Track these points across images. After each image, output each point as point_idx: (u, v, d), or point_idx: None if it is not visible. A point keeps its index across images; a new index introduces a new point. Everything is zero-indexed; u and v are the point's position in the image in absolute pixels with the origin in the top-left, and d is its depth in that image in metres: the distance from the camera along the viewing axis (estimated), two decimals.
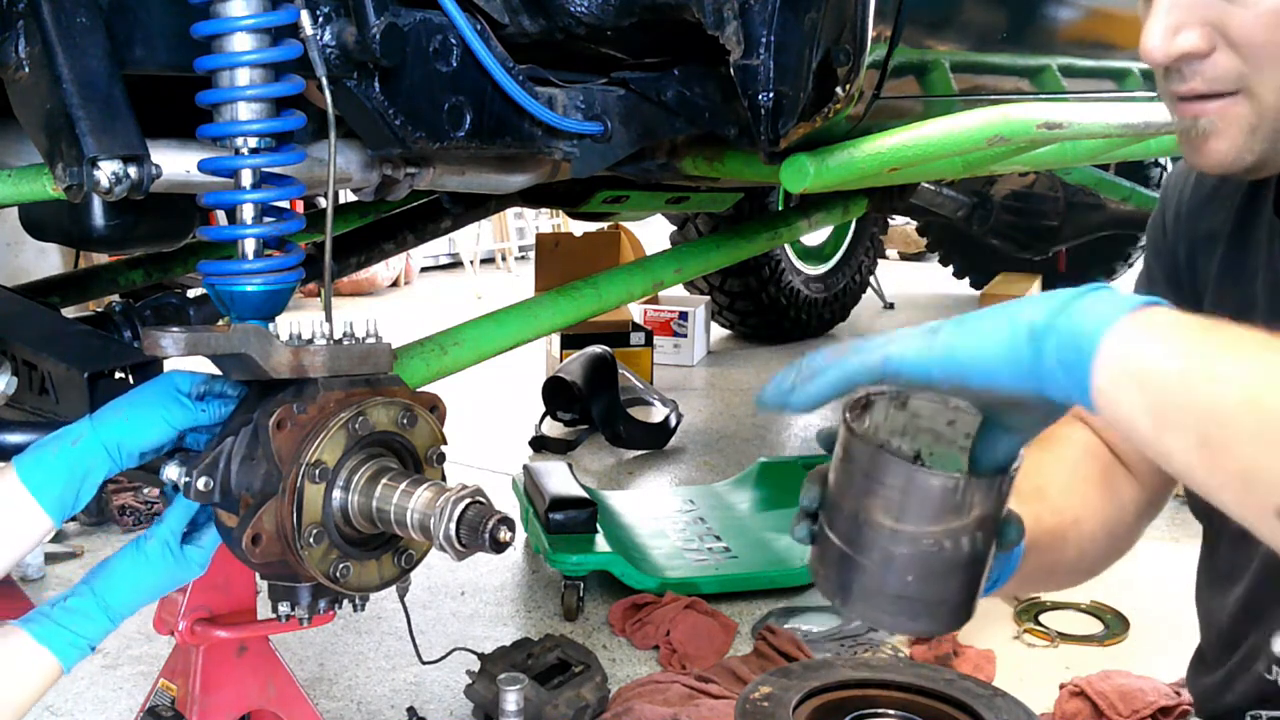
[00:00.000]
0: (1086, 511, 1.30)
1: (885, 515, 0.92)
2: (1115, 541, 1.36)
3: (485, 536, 1.25)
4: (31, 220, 2.18)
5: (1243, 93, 1.01)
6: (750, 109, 1.90)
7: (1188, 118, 1.05)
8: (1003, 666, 2.69)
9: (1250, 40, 0.98)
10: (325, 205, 1.43)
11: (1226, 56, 1.00)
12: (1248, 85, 1.00)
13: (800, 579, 3.20)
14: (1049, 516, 1.23)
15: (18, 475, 1.24)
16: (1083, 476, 1.34)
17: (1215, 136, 1.04)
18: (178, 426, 1.30)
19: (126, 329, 2.15)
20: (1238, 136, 1.03)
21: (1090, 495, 1.32)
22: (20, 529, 1.24)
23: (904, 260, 9.84)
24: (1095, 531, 1.31)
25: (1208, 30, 1.00)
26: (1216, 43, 1.00)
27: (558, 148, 1.83)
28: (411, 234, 3.04)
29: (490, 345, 2.20)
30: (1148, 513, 1.40)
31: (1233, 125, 1.03)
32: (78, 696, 2.66)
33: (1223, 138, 1.04)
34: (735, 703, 2.25)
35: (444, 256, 10.08)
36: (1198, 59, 1.01)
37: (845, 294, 6.55)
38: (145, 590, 1.27)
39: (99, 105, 1.29)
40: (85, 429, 1.26)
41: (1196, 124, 1.05)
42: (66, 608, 1.24)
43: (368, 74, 1.52)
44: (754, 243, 3.04)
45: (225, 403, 1.34)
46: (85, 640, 1.23)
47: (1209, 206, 1.30)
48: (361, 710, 2.62)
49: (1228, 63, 1.00)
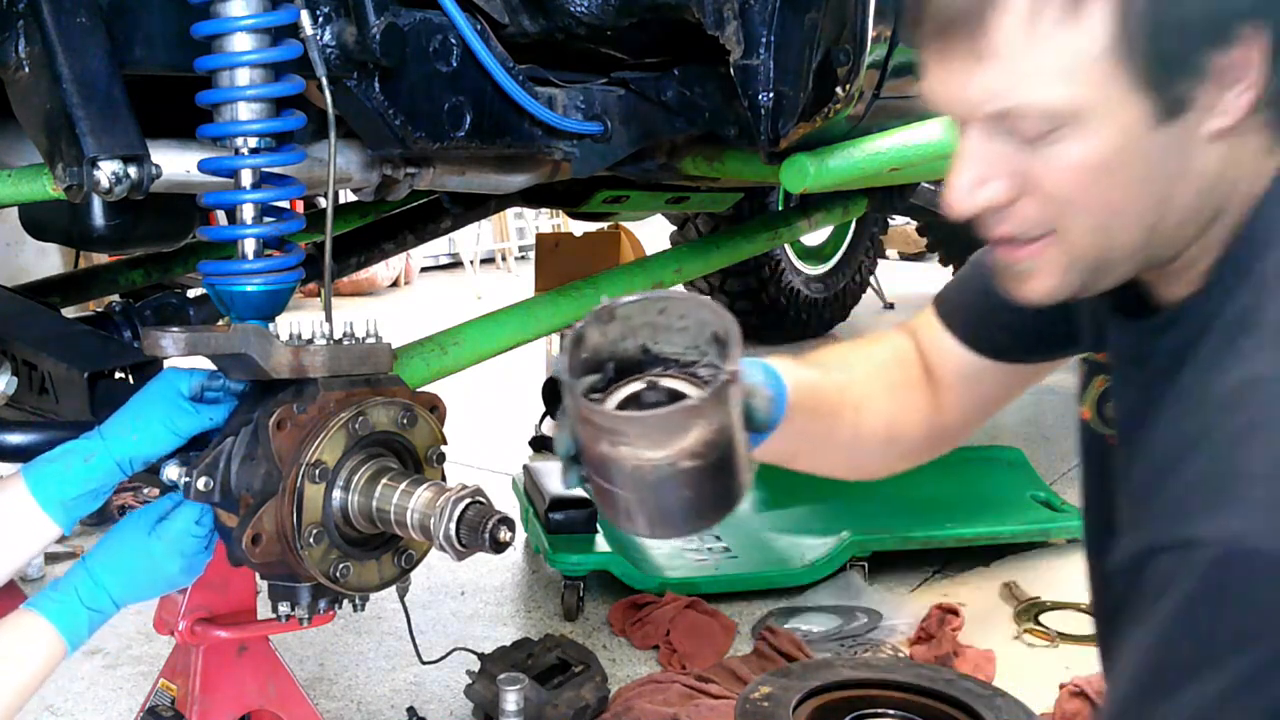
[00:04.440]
0: (872, 403, 1.34)
1: (634, 455, 0.98)
2: (893, 447, 1.39)
3: (485, 536, 1.25)
4: (31, 220, 2.18)
5: (1055, 234, 1.00)
6: (750, 109, 1.90)
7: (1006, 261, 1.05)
8: (1003, 666, 2.69)
9: (1055, 192, 0.97)
10: (325, 205, 1.43)
11: (1033, 204, 0.99)
12: (1058, 227, 1.00)
13: (800, 579, 3.20)
14: (831, 389, 1.29)
15: (27, 487, 1.24)
16: (882, 373, 1.39)
17: (1033, 277, 1.04)
18: (185, 434, 1.30)
19: (126, 329, 2.15)
20: (1056, 274, 1.02)
21: (881, 391, 1.36)
22: (28, 538, 1.25)
23: (904, 260, 9.84)
24: (875, 425, 1.35)
25: (1012, 180, 0.99)
26: (1022, 192, 0.99)
27: (558, 148, 1.83)
28: (411, 234, 3.04)
29: (490, 345, 2.20)
30: (938, 440, 1.42)
31: (1050, 265, 1.02)
32: (78, 696, 2.66)
33: (1040, 277, 1.03)
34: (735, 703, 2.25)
35: (444, 256, 10.08)
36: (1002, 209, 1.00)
37: (845, 294, 6.55)
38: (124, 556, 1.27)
39: (99, 105, 1.29)
40: (97, 445, 1.27)
41: (1015, 266, 1.04)
42: (60, 581, 1.25)
43: (368, 74, 1.52)
44: (754, 243, 3.04)
45: (229, 404, 1.34)
46: (79, 601, 1.23)
47: None
48: (361, 710, 2.62)
49: (1035, 210, 0.99)
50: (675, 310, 1.06)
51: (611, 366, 1.08)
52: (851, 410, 1.33)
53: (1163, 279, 1.07)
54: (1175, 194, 0.97)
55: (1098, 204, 0.97)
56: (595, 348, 1.06)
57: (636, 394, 1.06)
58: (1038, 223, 1.00)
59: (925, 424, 1.40)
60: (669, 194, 3.18)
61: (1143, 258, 1.02)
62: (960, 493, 3.41)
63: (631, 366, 1.08)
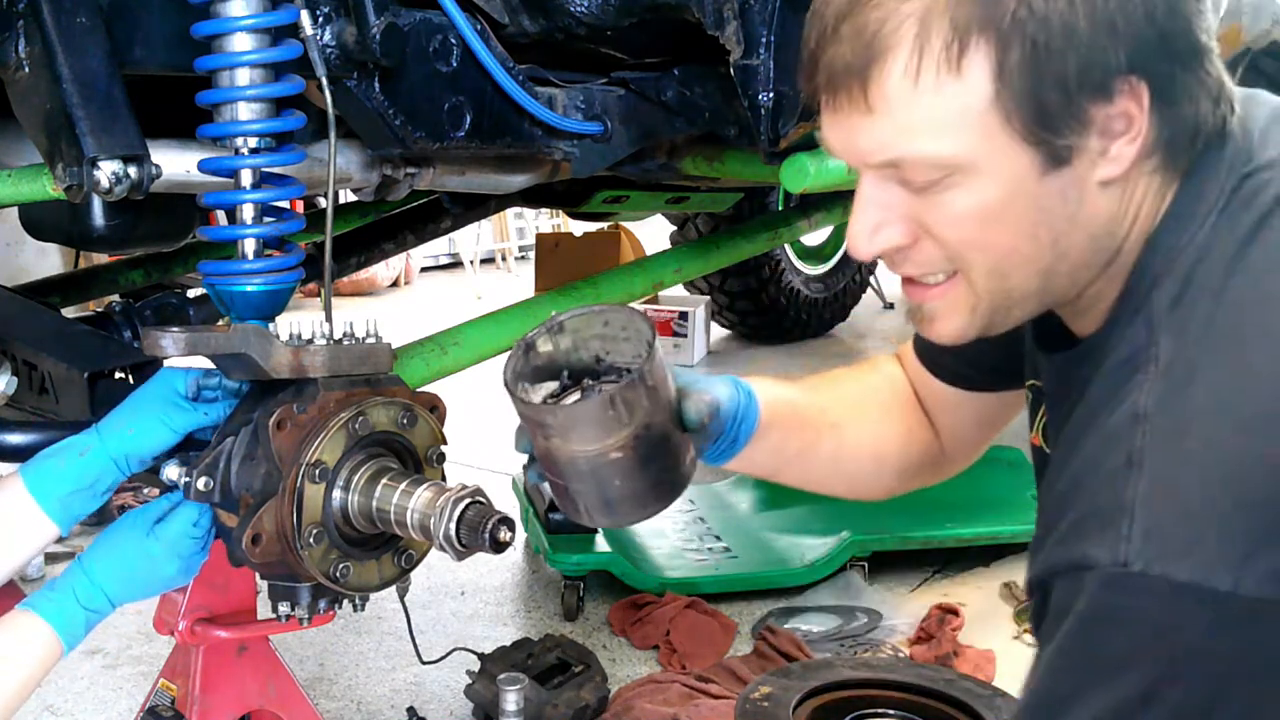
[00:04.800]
0: (857, 423, 1.38)
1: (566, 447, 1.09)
2: (883, 466, 1.42)
3: (485, 536, 1.25)
4: (31, 220, 2.18)
5: (959, 273, 1.02)
6: (750, 109, 1.90)
7: (914, 302, 1.07)
8: (1003, 666, 2.69)
9: (947, 237, 0.99)
10: (325, 205, 1.43)
11: (931, 245, 1.01)
12: (959, 268, 1.01)
13: (800, 579, 3.20)
14: (810, 408, 1.34)
15: (25, 485, 1.24)
16: (870, 395, 1.43)
17: (940, 318, 1.05)
18: (180, 431, 1.31)
19: (126, 329, 2.15)
20: (960, 315, 1.04)
21: (868, 412, 1.41)
22: (26, 537, 1.25)
23: None
24: (860, 444, 1.39)
25: (909, 225, 1.00)
26: (919, 236, 1.01)
27: (558, 148, 1.83)
28: (411, 234, 3.04)
29: (490, 345, 2.20)
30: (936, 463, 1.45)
31: (954, 306, 1.04)
32: (78, 696, 2.66)
33: (947, 319, 1.05)
34: (735, 703, 2.25)
35: (444, 256, 10.08)
36: (901, 251, 1.02)
37: (845, 294, 6.54)
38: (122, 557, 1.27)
39: (99, 105, 1.29)
40: (93, 440, 1.27)
41: (922, 308, 1.06)
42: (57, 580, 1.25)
43: (368, 74, 1.52)
44: (754, 243, 3.04)
45: (227, 402, 1.34)
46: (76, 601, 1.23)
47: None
48: (361, 710, 2.62)
49: (934, 251, 1.01)
50: (617, 322, 1.15)
51: (566, 374, 1.17)
52: (831, 428, 1.37)
53: (1073, 314, 1.09)
54: (1068, 238, 0.99)
55: (991, 248, 0.99)
56: (549, 356, 1.16)
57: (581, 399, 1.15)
58: (939, 264, 1.02)
59: (917, 446, 1.43)
60: (669, 194, 3.18)
61: (1042, 299, 1.05)
62: (960, 493, 3.39)
63: (585, 375, 1.17)
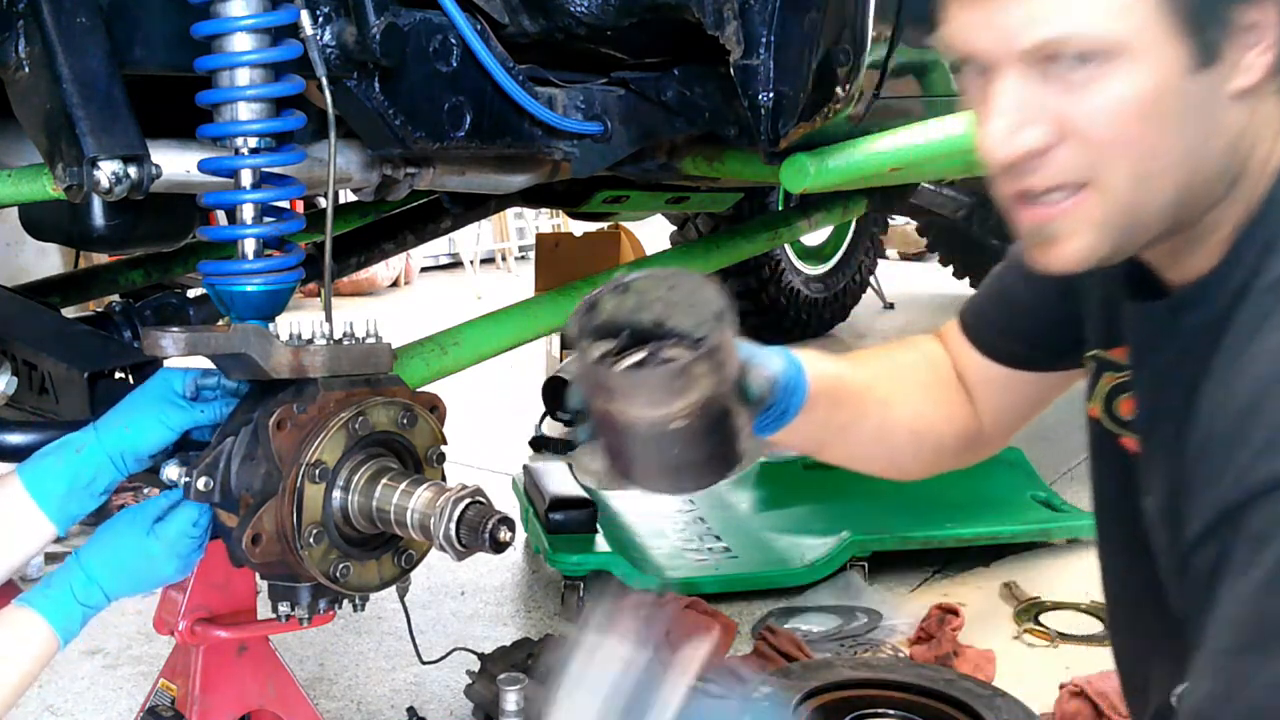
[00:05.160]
0: (900, 399, 1.36)
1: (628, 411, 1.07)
2: (922, 444, 1.39)
3: (485, 536, 1.25)
4: (31, 220, 2.18)
5: (1090, 185, 0.97)
6: (750, 109, 1.90)
7: (1034, 223, 1.01)
8: (1003, 666, 2.69)
9: (1096, 134, 0.95)
10: (325, 205, 1.43)
11: (1071, 150, 0.96)
12: (1095, 177, 0.97)
13: (800, 579, 3.20)
14: (856, 382, 1.31)
15: (21, 483, 1.24)
16: (911, 372, 1.41)
17: (1067, 239, 1.00)
18: (177, 429, 1.30)
19: (126, 329, 2.15)
20: (1088, 234, 0.99)
21: (910, 389, 1.38)
22: (24, 536, 1.25)
23: (904, 260, 9.83)
24: (902, 421, 1.36)
25: (1051, 124, 0.95)
26: (1060, 137, 0.96)
27: (558, 148, 1.82)
28: (411, 234, 3.04)
29: (490, 345, 2.20)
30: (972, 444, 1.43)
31: (1082, 224, 0.99)
32: (78, 696, 2.66)
33: (1073, 238, 0.99)
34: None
35: (444, 256, 10.08)
36: (1041, 155, 0.97)
37: (845, 294, 6.54)
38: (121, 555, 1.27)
39: (99, 105, 1.29)
40: (89, 437, 1.27)
41: (1045, 228, 1.01)
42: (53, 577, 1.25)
43: (368, 74, 1.52)
44: (754, 243, 3.04)
45: (224, 401, 1.34)
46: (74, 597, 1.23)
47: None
48: (361, 710, 2.62)
49: (1073, 156, 0.96)
50: (684, 287, 1.13)
51: (626, 335, 1.14)
52: (877, 404, 1.34)
53: (1174, 257, 1.06)
54: (1206, 148, 0.97)
55: (1137, 148, 0.95)
56: (611, 315, 1.13)
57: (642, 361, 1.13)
58: (1075, 171, 0.97)
59: (956, 425, 1.41)
60: (669, 194, 3.18)
61: (1172, 219, 1.00)
62: (960, 493, 3.40)
63: (644, 337, 1.15)
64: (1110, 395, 1.21)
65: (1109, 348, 1.21)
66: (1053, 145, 0.97)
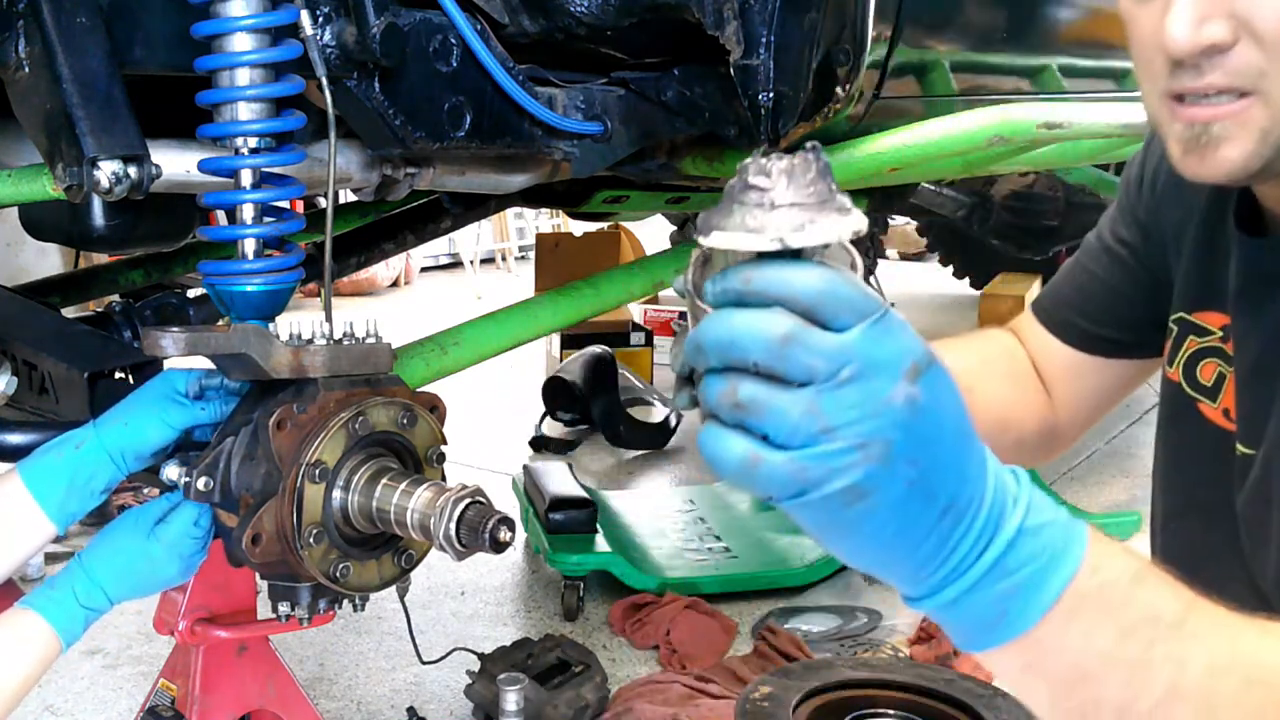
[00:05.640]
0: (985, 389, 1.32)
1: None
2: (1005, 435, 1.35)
3: (485, 536, 1.25)
4: (31, 220, 2.18)
5: (1258, 94, 0.96)
6: (750, 109, 1.90)
7: (1196, 124, 0.99)
8: None
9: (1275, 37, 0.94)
10: (325, 205, 1.43)
11: (1249, 50, 0.95)
12: (1263, 87, 0.96)
13: (800, 579, 3.20)
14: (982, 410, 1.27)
15: (21, 480, 1.24)
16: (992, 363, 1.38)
17: (1227, 143, 0.98)
18: (178, 427, 1.30)
19: (126, 329, 2.15)
20: (1249, 143, 0.97)
21: (993, 379, 1.36)
22: (23, 534, 1.25)
23: (904, 260, 9.83)
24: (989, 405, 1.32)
25: (1233, 22, 0.95)
26: (1240, 35, 0.95)
27: (558, 148, 1.82)
28: (411, 234, 3.04)
29: (490, 345, 2.19)
30: (1051, 437, 1.41)
31: (1245, 130, 0.97)
32: (78, 696, 2.66)
33: (1235, 144, 0.98)
34: (735, 703, 2.25)
35: (444, 256, 10.08)
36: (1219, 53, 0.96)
37: None
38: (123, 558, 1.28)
39: (99, 105, 1.29)
40: (88, 434, 1.27)
41: (1207, 130, 0.99)
42: (56, 579, 1.26)
43: (368, 74, 1.52)
44: None
45: (225, 400, 1.34)
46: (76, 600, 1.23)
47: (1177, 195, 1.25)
48: (361, 710, 2.62)
49: (1250, 57, 0.95)
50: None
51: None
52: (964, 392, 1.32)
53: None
54: None
55: None
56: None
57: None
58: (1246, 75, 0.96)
59: (1038, 417, 1.39)
60: (669, 194, 3.18)
61: None
62: None
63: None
64: (1193, 359, 1.19)
65: (1194, 311, 1.19)
66: (1232, 43, 0.96)
